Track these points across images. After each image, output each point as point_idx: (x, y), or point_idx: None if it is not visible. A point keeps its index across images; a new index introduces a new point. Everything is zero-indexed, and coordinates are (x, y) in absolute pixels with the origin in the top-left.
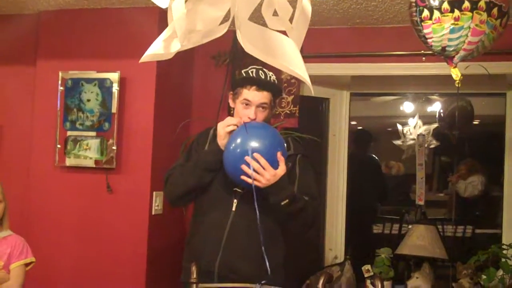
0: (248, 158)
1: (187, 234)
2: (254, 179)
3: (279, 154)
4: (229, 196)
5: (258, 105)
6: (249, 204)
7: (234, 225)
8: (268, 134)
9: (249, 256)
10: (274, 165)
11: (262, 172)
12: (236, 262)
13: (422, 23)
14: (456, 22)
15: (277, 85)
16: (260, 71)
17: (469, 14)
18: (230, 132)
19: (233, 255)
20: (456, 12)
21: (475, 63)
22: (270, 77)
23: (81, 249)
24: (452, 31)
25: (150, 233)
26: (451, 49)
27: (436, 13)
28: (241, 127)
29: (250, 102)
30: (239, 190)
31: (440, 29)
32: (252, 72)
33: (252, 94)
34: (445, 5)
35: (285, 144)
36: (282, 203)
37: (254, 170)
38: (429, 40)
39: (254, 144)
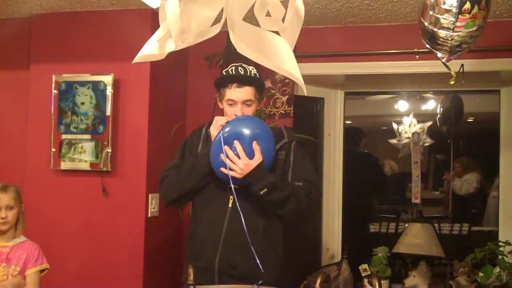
0: (226, 147)
1: (188, 233)
2: (230, 169)
3: (254, 144)
4: (225, 193)
5: (243, 102)
6: (245, 200)
7: (232, 222)
8: (247, 125)
9: (248, 252)
10: (251, 154)
11: (236, 161)
12: (235, 258)
13: (459, 15)
14: (483, 21)
15: (259, 79)
16: (240, 68)
17: (487, 13)
18: None
19: (232, 251)
20: (485, 11)
21: (469, 60)
22: (250, 71)
23: (78, 252)
24: (478, 28)
25: (147, 235)
26: (465, 46)
27: (475, 8)
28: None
29: (234, 101)
30: (234, 186)
31: (472, 24)
32: (231, 70)
33: (234, 93)
34: (483, 2)
35: (273, 134)
36: (261, 193)
37: (230, 160)
38: (454, 34)
39: (230, 133)
